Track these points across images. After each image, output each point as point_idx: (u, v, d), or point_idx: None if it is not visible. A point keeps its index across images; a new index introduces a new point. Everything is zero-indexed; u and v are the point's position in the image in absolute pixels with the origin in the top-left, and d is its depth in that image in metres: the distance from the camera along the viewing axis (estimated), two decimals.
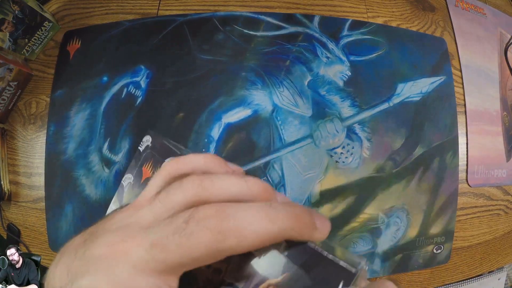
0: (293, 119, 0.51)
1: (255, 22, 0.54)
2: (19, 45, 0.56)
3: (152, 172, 0.31)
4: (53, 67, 0.59)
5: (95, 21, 0.58)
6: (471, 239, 0.58)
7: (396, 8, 0.58)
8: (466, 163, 0.56)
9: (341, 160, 0.51)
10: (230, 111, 0.51)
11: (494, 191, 0.59)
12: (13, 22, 0.53)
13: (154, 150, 0.31)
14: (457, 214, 0.55)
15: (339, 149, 0.51)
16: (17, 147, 0.59)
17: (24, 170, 0.58)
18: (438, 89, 0.55)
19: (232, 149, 0.50)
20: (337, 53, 0.53)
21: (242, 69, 0.52)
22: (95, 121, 0.54)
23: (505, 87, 0.63)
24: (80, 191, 0.53)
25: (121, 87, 0.54)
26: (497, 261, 0.61)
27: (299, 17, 0.54)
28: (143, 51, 0.55)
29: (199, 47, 0.53)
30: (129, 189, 0.33)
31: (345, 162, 0.51)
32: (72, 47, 0.58)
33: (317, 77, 0.52)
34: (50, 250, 0.56)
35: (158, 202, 0.18)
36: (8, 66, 0.55)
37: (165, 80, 0.53)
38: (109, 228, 0.20)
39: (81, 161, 0.54)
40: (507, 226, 0.61)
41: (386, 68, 0.54)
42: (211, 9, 0.55)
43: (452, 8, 0.62)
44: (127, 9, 0.58)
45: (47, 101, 0.58)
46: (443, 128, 0.55)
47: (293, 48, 0.53)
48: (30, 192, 0.58)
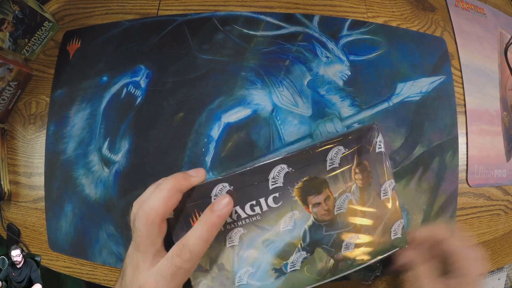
0: (292, 118, 0.51)
1: (255, 22, 0.54)
2: (19, 45, 0.56)
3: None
4: (53, 67, 0.59)
5: (95, 21, 0.58)
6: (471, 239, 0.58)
7: (396, 8, 0.58)
8: (466, 163, 0.56)
9: None
10: (230, 111, 0.51)
11: (494, 191, 0.59)
12: (13, 22, 0.53)
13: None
14: (457, 214, 0.55)
15: None
16: (17, 147, 0.59)
17: (24, 170, 0.58)
18: (438, 89, 0.55)
19: (231, 148, 0.50)
20: (337, 52, 0.53)
21: (241, 68, 0.52)
22: (95, 121, 0.54)
23: (505, 87, 0.62)
24: (80, 191, 0.53)
25: (121, 87, 0.54)
26: (497, 261, 0.61)
27: (299, 17, 0.54)
28: (143, 51, 0.55)
29: (199, 47, 0.53)
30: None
31: None
32: (72, 47, 0.58)
33: (316, 77, 0.52)
34: (50, 250, 0.56)
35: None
36: (8, 66, 0.55)
37: (165, 80, 0.53)
38: None
39: (81, 161, 0.54)
40: (507, 226, 0.61)
41: (385, 67, 0.54)
42: (211, 9, 0.55)
43: (452, 8, 0.62)
44: (127, 9, 0.58)
45: (47, 101, 0.58)
46: (443, 128, 0.55)
47: (292, 47, 0.53)
48: (30, 192, 0.58)
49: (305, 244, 0.35)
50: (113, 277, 0.54)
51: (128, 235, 0.52)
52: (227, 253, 0.33)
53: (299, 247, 0.35)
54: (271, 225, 0.33)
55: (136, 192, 0.51)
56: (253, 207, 0.32)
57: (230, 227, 0.32)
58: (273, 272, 0.34)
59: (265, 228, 0.33)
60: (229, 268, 0.33)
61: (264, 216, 0.33)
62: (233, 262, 0.33)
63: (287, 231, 0.34)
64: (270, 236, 0.34)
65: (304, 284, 0.36)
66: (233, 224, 0.33)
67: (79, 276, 0.56)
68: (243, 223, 0.32)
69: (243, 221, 0.32)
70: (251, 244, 0.33)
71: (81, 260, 0.55)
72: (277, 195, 0.32)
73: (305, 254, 0.35)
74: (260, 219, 0.33)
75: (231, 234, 0.33)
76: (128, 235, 0.52)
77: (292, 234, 0.34)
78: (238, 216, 0.32)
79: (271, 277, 0.34)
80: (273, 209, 0.33)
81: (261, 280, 0.34)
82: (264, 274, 0.34)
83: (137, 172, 0.52)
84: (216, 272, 0.33)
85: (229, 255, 0.33)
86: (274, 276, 0.34)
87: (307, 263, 0.35)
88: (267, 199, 0.32)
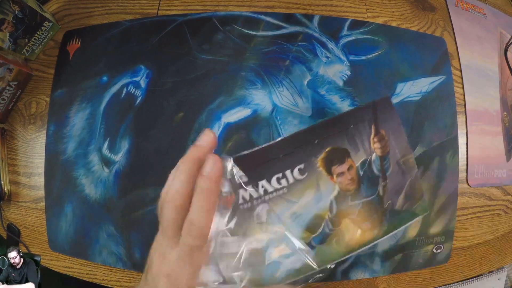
0: (292, 118, 0.51)
1: (255, 22, 0.54)
2: (19, 45, 0.56)
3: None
4: (53, 67, 0.59)
5: (95, 21, 0.58)
6: (471, 239, 0.58)
7: (396, 8, 0.58)
8: (466, 163, 0.56)
9: None
10: (230, 111, 0.51)
11: (494, 191, 0.59)
12: (13, 22, 0.53)
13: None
14: (457, 214, 0.55)
15: None
16: (17, 147, 0.59)
17: (24, 170, 0.58)
18: (438, 89, 0.55)
19: (231, 148, 0.50)
20: (336, 52, 0.53)
21: (241, 68, 0.52)
22: (95, 120, 0.54)
23: (505, 87, 0.62)
24: (80, 191, 0.53)
25: (121, 87, 0.54)
26: (497, 261, 0.61)
27: (299, 17, 0.54)
28: (143, 51, 0.55)
29: (199, 47, 0.53)
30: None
31: None
32: (72, 47, 0.58)
33: (316, 77, 0.52)
34: (50, 250, 0.56)
35: None
36: (8, 66, 0.55)
37: (165, 80, 0.53)
38: None
39: (81, 161, 0.54)
40: (507, 226, 0.61)
41: (385, 67, 0.54)
42: (211, 9, 0.55)
43: (452, 8, 0.62)
44: (127, 9, 0.58)
45: (47, 101, 0.58)
46: (443, 128, 0.55)
47: (292, 47, 0.53)
48: (30, 192, 0.58)
49: (332, 215, 0.35)
50: (113, 277, 0.54)
51: (128, 235, 0.52)
52: (253, 229, 0.34)
53: (327, 218, 0.35)
54: (298, 197, 0.34)
55: (136, 192, 0.51)
56: (279, 180, 0.33)
57: (257, 202, 0.33)
58: (303, 247, 0.35)
59: (292, 201, 0.34)
60: (258, 246, 0.34)
61: (291, 188, 0.33)
62: (262, 239, 0.34)
63: (314, 203, 0.35)
64: (298, 209, 0.34)
65: (334, 258, 0.36)
66: (260, 199, 0.33)
67: (79, 276, 0.56)
68: (270, 197, 0.33)
69: (270, 195, 0.33)
70: (279, 219, 0.34)
71: (81, 260, 0.55)
72: (302, 166, 0.33)
73: (332, 226, 0.36)
74: (286, 192, 0.33)
75: (259, 210, 0.33)
76: (128, 235, 0.52)
77: (319, 206, 0.35)
78: (265, 191, 0.33)
79: (301, 252, 0.35)
80: (299, 181, 0.34)
81: (291, 255, 0.35)
82: (293, 249, 0.35)
83: (137, 172, 0.52)
84: (245, 251, 0.34)
85: (256, 232, 0.33)
86: (304, 250, 0.35)
87: (335, 235, 0.36)
88: (292, 171, 0.33)
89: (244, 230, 0.33)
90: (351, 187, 0.36)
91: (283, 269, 0.35)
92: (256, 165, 0.32)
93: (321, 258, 0.36)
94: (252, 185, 0.32)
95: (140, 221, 0.51)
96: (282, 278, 0.35)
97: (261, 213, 0.33)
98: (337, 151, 0.34)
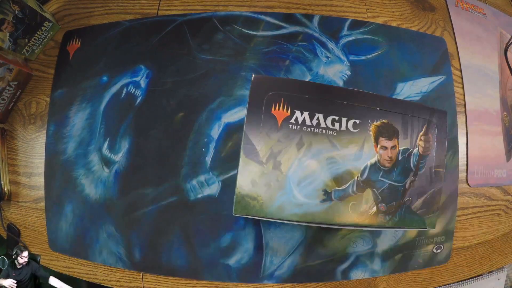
0: None
1: (255, 22, 0.54)
2: (19, 45, 0.56)
3: (288, 109, 0.37)
4: (53, 67, 0.59)
5: (95, 21, 0.58)
6: (471, 239, 0.58)
7: (396, 8, 0.58)
8: (466, 163, 0.56)
9: None
10: (230, 111, 0.51)
11: (494, 191, 0.59)
12: (13, 22, 0.53)
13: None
14: (457, 214, 0.55)
15: None
16: (17, 147, 0.59)
17: (24, 170, 0.58)
18: (438, 89, 0.55)
19: (231, 148, 0.50)
20: (336, 52, 0.53)
21: (241, 68, 0.52)
22: (95, 121, 0.54)
23: (505, 87, 0.62)
24: (80, 191, 0.53)
25: (121, 87, 0.54)
26: (497, 261, 0.61)
27: (299, 17, 0.54)
28: (143, 51, 0.55)
29: (199, 47, 0.53)
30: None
31: None
32: (72, 47, 0.58)
33: (316, 77, 0.52)
34: (50, 250, 0.56)
35: None
36: (8, 66, 0.55)
37: (165, 80, 0.53)
38: None
39: (81, 161, 0.54)
40: (507, 226, 0.61)
41: (385, 67, 0.54)
42: (211, 9, 0.55)
43: (452, 8, 0.62)
44: (127, 9, 0.58)
45: (47, 101, 0.58)
46: None
47: (292, 47, 0.53)
48: (30, 192, 0.58)
49: (362, 178, 0.38)
50: (113, 277, 0.54)
51: (128, 235, 0.52)
52: (290, 152, 0.35)
53: (355, 179, 0.38)
54: (341, 146, 0.37)
55: (136, 192, 0.51)
56: (334, 122, 0.36)
57: (306, 129, 0.34)
58: (322, 194, 0.37)
59: (335, 145, 0.36)
60: (284, 170, 0.35)
61: (340, 135, 0.36)
62: (292, 164, 0.35)
63: (352, 159, 0.37)
64: (336, 156, 0.37)
65: (342, 222, 0.38)
66: (310, 129, 0.35)
67: (79, 276, 0.56)
68: (319, 132, 0.35)
69: (320, 129, 0.35)
70: (316, 155, 0.36)
71: (81, 260, 0.55)
72: (358, 121, 0.37)
73: (356, 189, 0.38)
74: (335, 135, 0.36)
75: (303, 135, 0.35)
76: (128, 235, 0.52)
77: (355, 164, 0.37)
78: (317, 124, 0.35)
79: (317, 198, 0.37)
80: (349, 132, 0.37)
81: (307, 197, 0.36)
82: (313, 192, 0.37)
83: (137, 172, 0.52)
84: (269, 169, 0.35)
85: (291, 156, 0.35)
86: (321, 198, 0.37)
87: (354, 199, 0.38)
88: (348, 120, 0.36)
89: (281, 147, 0.35)
90: (387, 164, 0.39)
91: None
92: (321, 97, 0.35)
93: (332, 216, 0.37)
94: (310, 112, 0.34)
95: (140, 221, 0.51)
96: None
97: (304, 139, 0.36)
98: (390, 126, 0.38)
